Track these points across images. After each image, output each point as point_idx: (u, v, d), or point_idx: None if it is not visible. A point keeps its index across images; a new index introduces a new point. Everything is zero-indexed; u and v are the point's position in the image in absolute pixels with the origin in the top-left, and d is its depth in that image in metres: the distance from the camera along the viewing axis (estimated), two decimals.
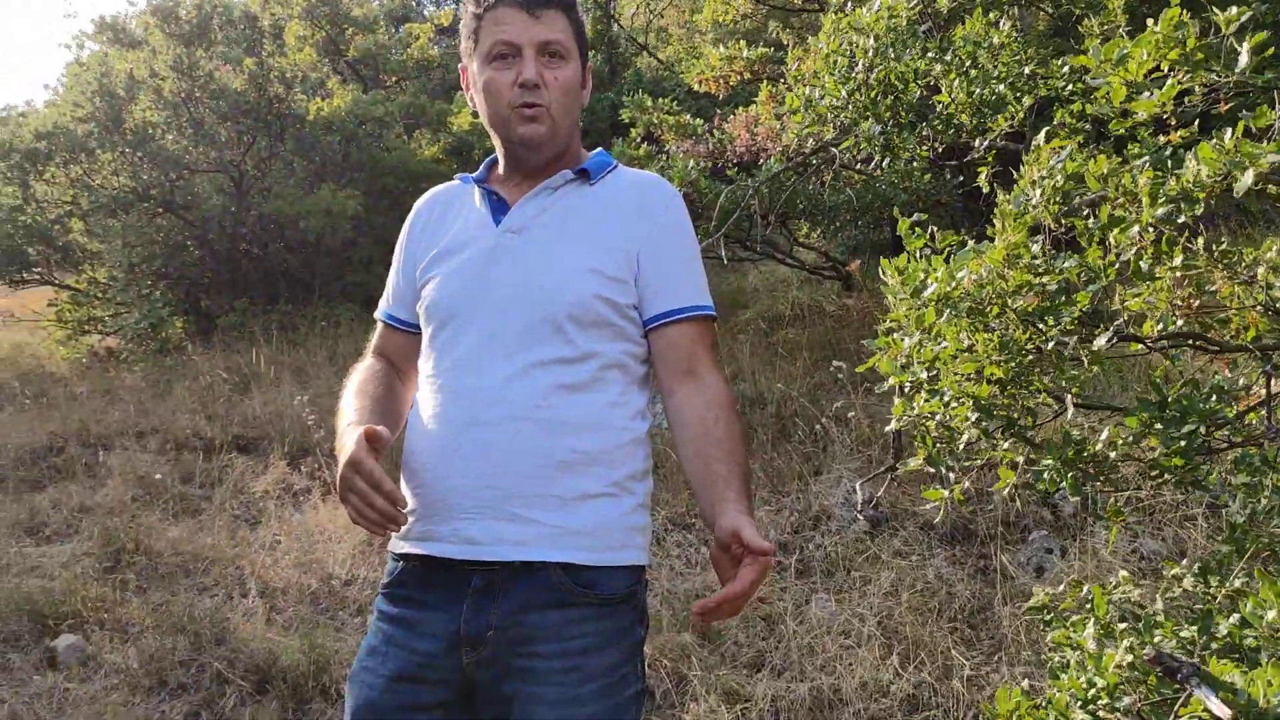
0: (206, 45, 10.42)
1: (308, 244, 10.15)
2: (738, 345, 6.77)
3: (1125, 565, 3.43)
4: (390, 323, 1.77)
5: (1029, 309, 1.93)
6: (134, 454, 6.05)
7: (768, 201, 6.11)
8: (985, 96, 4.04)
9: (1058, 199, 2.10)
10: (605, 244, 1.60)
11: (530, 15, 1.56)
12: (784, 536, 4.23)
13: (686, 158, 6.19)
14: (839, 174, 6.37)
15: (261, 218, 10.16)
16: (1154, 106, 1.88)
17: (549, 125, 1.60)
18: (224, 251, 10.26)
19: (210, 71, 9.69)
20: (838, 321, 7.05)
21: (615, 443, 1.56)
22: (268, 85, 9.90)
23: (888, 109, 4.39)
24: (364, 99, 11.17)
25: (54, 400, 7.76)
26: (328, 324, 9.45)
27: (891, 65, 4.18)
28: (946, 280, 1.93)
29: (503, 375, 1.52)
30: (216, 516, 5.07)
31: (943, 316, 1.93)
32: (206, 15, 10.50)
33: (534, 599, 1.47)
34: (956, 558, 3.87)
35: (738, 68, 9.63)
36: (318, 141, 10.42)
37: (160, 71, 9.78)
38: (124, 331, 9.16)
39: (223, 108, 9.77)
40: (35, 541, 4.94)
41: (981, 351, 1.95)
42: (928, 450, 2.18)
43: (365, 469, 1.39)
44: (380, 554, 4.48)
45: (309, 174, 10.51)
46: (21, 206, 10.00)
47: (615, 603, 1.53)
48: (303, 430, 6.01)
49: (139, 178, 9.69)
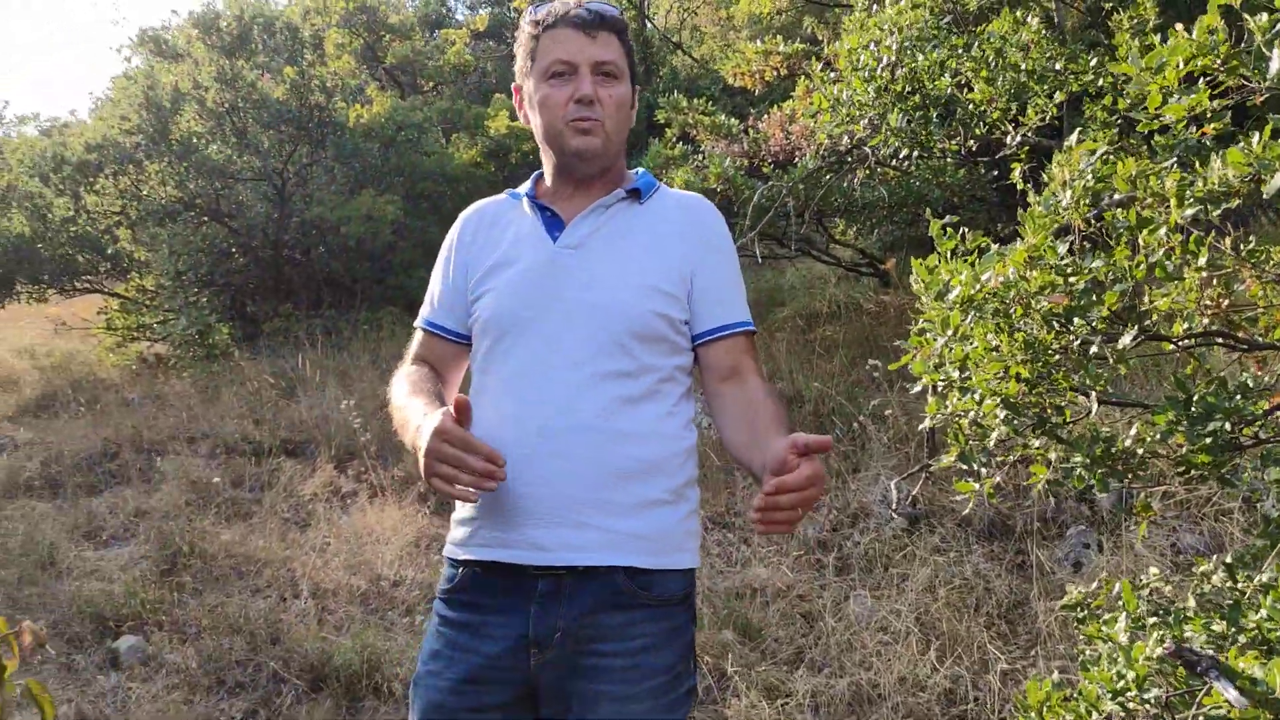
0: (248, 55, 10.62)
1: (349, 249, 10.32)
2: (775, 343, 6.80)
3: (1162, 560, 3.44)
4: (433, 330, 1.81)
5: (1055, 309, 1.97)
6: (186, 459, 6.22)
7: (803, 199, 6.14)
8: (1012, 90, 4.06)
9: (1087, 200, 2.14)
10: (661, 263, 1.67)
11: (587, 35, 1.64)
12: (823, 534, 4.27)
13: (723, 156, 6.24)
14: (873, 171, 6.39)
15: (303, 224, 10.35)
16: (1184, 111, 1.92)
17: (602, 139, 1.67)
18: (268, 258, 10.46)
19: (253, 81, 9.88)
20: (875, 318, 7.06)
21: (671, 451, 1.63)
22: (308, 94, 10.08)
23: (915, 105, 4.42)
24: (402, 105, 11.34)
25: (107, 407, 7.97)
26: (370, 327, 9.61)
27: (917, 61, 4.22)
28: (971, 283, 1.98)
29: (568, 386, 1.58)
30: (267, 519, 5.21)
31: (968, 318, 1.98)
32: (247, 26, 10.70)
33: (598, 601, 1.54)
34: (994, 553, 3.90)
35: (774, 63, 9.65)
36: (357, 148, 10.60)
37: (204, 83, 10.00)
38: (172, 338, 9.37)
39: (265, 117, 9.97)
40: (94, 545, 5.10)
41: (1006, 351, 2.00)
42: (961, 447, 2.22)
43: (454, 434, 1.42)
44: (427, 555, 4.59)
45: (349, 180, 10.69)
46: (74, 217, 10.26)
47: (671, 604, 1.60)
48: (348, 433, 6.14)
49: (185, 187, 9.91)
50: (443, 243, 1.86)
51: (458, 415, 1.48)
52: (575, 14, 1.65)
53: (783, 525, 1.37)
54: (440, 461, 1.42)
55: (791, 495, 1.33)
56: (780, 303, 8.26)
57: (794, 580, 3.94)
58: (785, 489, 1.33)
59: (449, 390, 1.80)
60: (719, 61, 9.39)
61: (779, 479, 1.34)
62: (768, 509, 1.34)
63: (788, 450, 1.37)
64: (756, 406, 1.62)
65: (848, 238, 8.28)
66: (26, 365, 10.08)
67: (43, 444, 6.89)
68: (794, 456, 1.36)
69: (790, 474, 1.34)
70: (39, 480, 6.13)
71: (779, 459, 1.37)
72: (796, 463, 1.36)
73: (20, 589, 4.37)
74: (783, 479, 1.34)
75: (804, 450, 1.36)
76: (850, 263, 8.18)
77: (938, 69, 4.22)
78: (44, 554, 4.75)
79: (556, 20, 1.66)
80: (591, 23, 1.64)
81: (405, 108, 11.37)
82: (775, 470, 1.38)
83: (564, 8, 1.66)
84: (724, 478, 4.99)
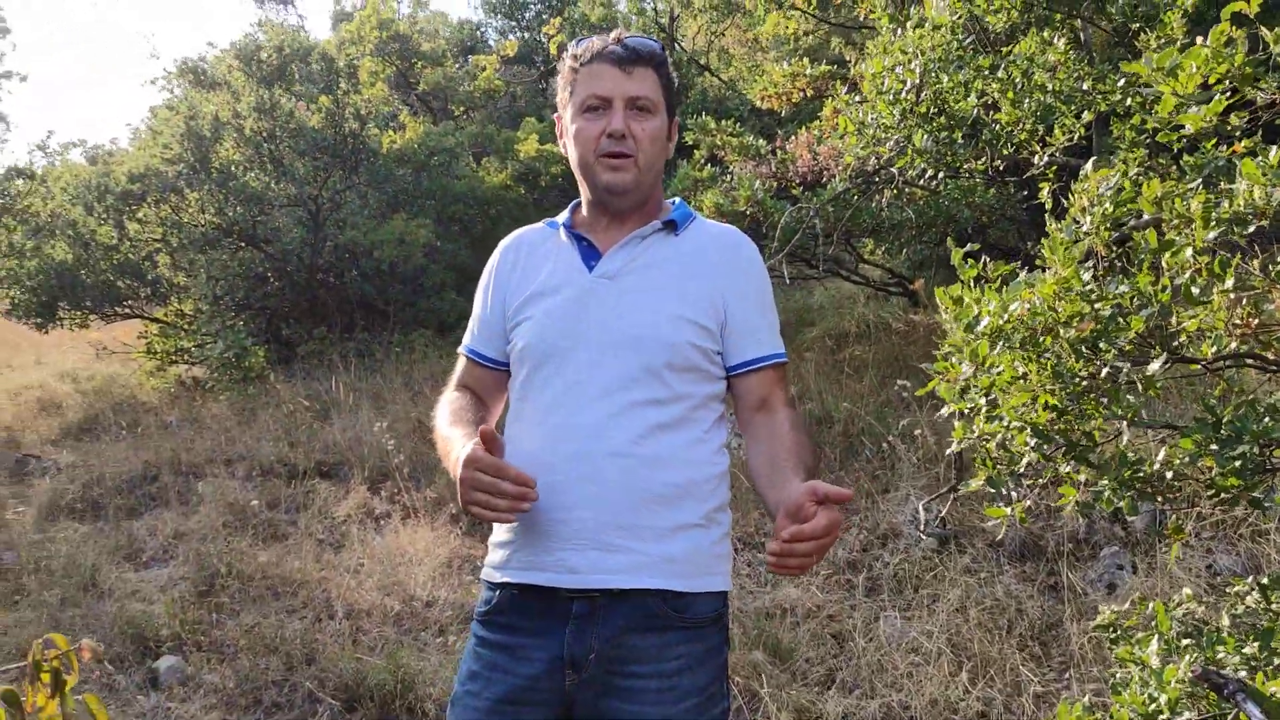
0: (285, 85, 10.82)
1: (381, 272, 10.46)
2: (804, 363, 6.81)
3: (1198, 581, 3.41)
4: (474, 358, 1.86)
5: (1081, 336, 1.98)
6: (223, 481, 6.31)
7: (831, 220, 6.16)
8: (1039, 111, 4.06)
9: (1108, 225, 2.16)
10: (695, 294, 1.71)
11: (623, 71, 1.69)
12: (852, 555, 4.27)
13: (752, 177, 6.28)
14: (901, 191, 6.40)
15: (337, 248, 10.50)
16: (1201, 121, 1.93)
17: (633, 174, 1.71)
18: (302, 282, 10.61)
19: (290, 110, 10.06)
20: (904, 338, 7.05)
21: (703, 476, 1.67)
22: (343, 122, 10.24)
23: (940, 126, 4.44)
24: (435, 130, 11.49)
25: (146, 429, 8.11)
26: (402, 350, 9.71)
27: (941, 83, 4.23)
28: (999, 313, 1.99)
29: (603, 413, 1.62)
30: (302, 541, 5.27)
31: (995, 349, 1.99)
32: (286, 57, 10.91)
33: (632, 623, 1.58)
34: (1026, 574, 3.88)
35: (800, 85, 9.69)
36: (390, 173, 10.75)
37: (242, 112, 10.19)
38: (209, 361, 9.53)
39: (301, 145, 10.14)
40: (134, 567, 5.19)
41: (1035, 380, 2.01)
42: (988, 471, 2.23)
43: (485, 461, 1.49)
44: (460, 576, 4.63)
45: (382, 204, 10.84)
46: (117, 245, 10.47)
47: (704, 625, 1.64)
48: (382, 455, 6.21)
49: (224, 214, 10.09)
50: (482, 269, 1.91)
51: (486, 444, 1.52)
52: (611, 50, 1.69)
53: (795, 569, 1.42)
54: (475, 489, 1.48)
55: (808, 543, 1.39)
56: (809, 323, 8.27)
57: (824, 601, 3.95)
58: (802, 537, 1.38)
59: (491, 416, 1.86)
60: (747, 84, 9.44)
61: (797, 528, 1.38)
62: (783, 554, 1.39)
63: (805, 496, 1.42)
64: (779, 440, 1.66)
65: (876, 257, 8.27)
66: (69, 389, 10.28)
67: (85, 466, 7.03)
68: (811, 504, 1.41)
69: (808, 523, 1.39)
70: (81, 503, 6.25)
71: (796, 504, 1.42)
72: (813, 510, 1.41)
73: (63, 610, 4.46)
74: (800, 528, 1.38)
75: (822, 499, 1.41)
76: (879, 282, 8.17)
77: (962, 90, 4.24)
78: (86, 575, 4.84)
79: (594, 56, 1.71)
80: (627, 58, 1.69)
81: (437, 133, 11.52)
82: (791, 514, 1.43)
83: (602, 44, 1.71)
84: (753, 499, 5.00)
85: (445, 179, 11.41)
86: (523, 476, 1.48)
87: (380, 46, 12.54)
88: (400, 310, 10.71)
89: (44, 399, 9.86)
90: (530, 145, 12.55)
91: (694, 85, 13.90)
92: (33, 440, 8.29)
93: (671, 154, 1.82)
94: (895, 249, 7.65)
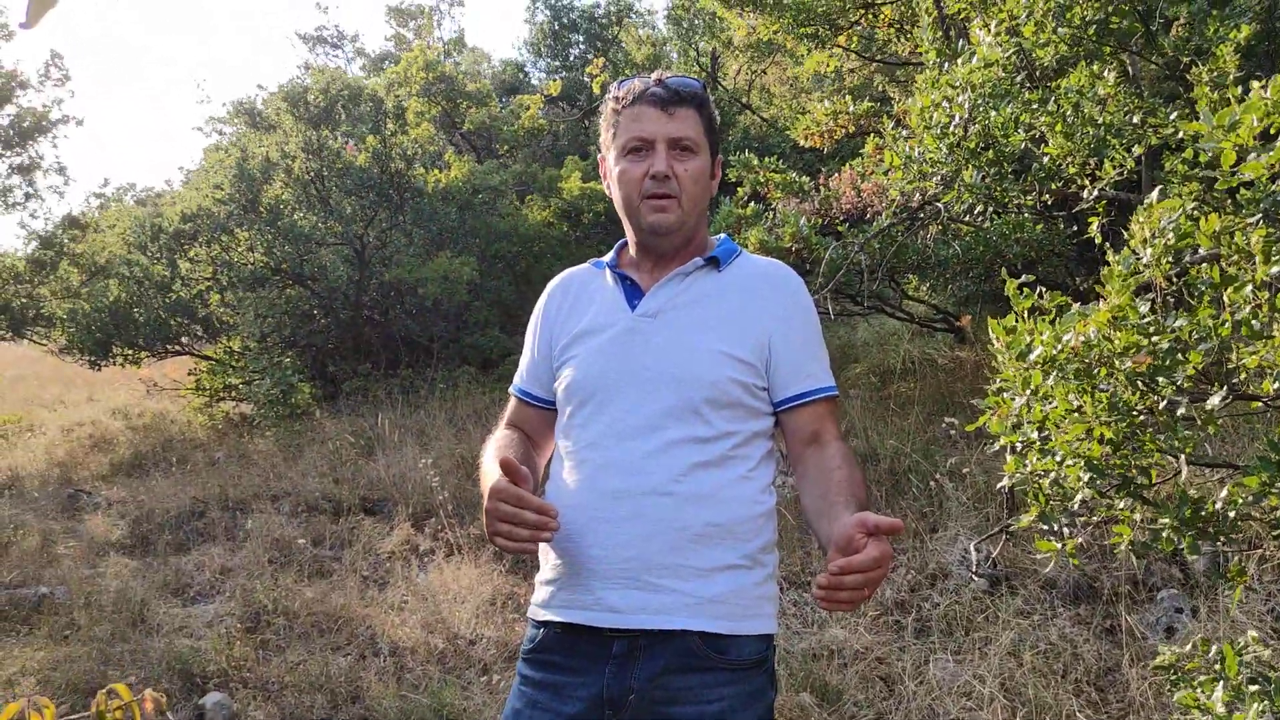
0: (332, 126, 11.03)
1: (426, 309, 10.56)
2: (849, 400, 6.75)
3: (1261, 626, 3.31)
4: (523, 398, 1.89)
5: (1139, 369, 1.94)
6: (269, 517, 6.36)
7: (877, 255, 6.13)
8: (1091, 145, 4.02)
9: (1168, 258, 2.12)
10: (738, 329, 1.70)
11: (665, 113, 1.69)
12: (901, 595, 4.20)
13: (797, 214, 6.27)
14: (947, 227, 6.36)
15: (382, 285, 10.62)
16: (1262, 169, 1.90)
17: (677, 214, 1.71)
18: (348, 319, 10.74)
19: (338, 151, 10.24)
20: (950, 375, 6.97)
21: (747, 515, 1.64)
22: (390, 162, 10.40)
23: (989, 161, 4.40)
24: (480, 169, 11.63)
25: (195, 466, 8.21)
26: (446, 386, 9.77)
27: (991, 117, 4.21)
28: (1052, 343, 1.96)
29: (644, 451, 1.62)
30: (347, 577, 5.29)
31: (1049, 379, 1.96)
32: (333, 99, 11.13)
33: (672, 663, 1.56)
34: (1081, 617, 3.78)
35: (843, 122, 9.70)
36: (435, 211, 10.87)
37: (291, 152, 10.39)
38: (256, 398, 9.64)
39: (348, 184, 10.30)
40: (182, 602, 5.23)
41: (1090, 413, 1.97)
42: (1041, 508, 2.19)
43: (508, 492, 1.50)
44: (504, 614, 4.61)
45: (426, 242, 10.96)
46: (170, 284, 10.68)
47: (748, 667, 1.61)
48: (426, 492, 6.23)
49: (273, 253, 10.25)
50: (525, 305, 1.93)
51: (510, 475, 1.52)
52: (653, 91, 1.70)
53: (845, 604, 1.38)
54: (498, 520, 1.50)
55: (857, 576, 1.34)
56: (854, 359, 8.21)
57: (872, 642, 3.87)
58: (851, 569, 1.34)
59: (541, 455, 1.87)
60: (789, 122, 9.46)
61: (845, 560, 1.35)
62: (832, 588, 1.35)
63: (855, 529, 1.38)
64: (830, 474, 1.62)
65: (921, 294, 8.21)
66: (120, 426, 10.44)
67: (134, 502, 7.12)
68: (861, 536, 1.37)
69: (857, 555, 1.35)
70: (130, 538, 6.32)
71: (845, 536, 1.39)
72: (864, 541, 1.37)
73: (112, 645, 4.49)
74: (849, 560, 1.35)
75: (873, 530, 1.37)
76: (923, 318, 8.10)
77: (1012, 125, 4.21)
78: (135, 611, 4.88)
79: (636, 98, 1.71)
80: (669, 100, 1.69)
81: (482, 171, 11.66)
82: (841, 547, 1.39)
83: (644, 85, 1.72)
84: (799, 537, 4.94)
85: (489, 217, 11.53)
86: (544, 506, 1.48)
87: (426, 88, 12.76)
88: (444, 347, 10.80)
89: (96, 435, 10.02)
90: (573, 183, 12.65)
91: (736, 124, 13.97)
92: (84, 476, 8.42)
93: (715, 192, 1.82)
94: (940, 285, 7.59)
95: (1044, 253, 6.25)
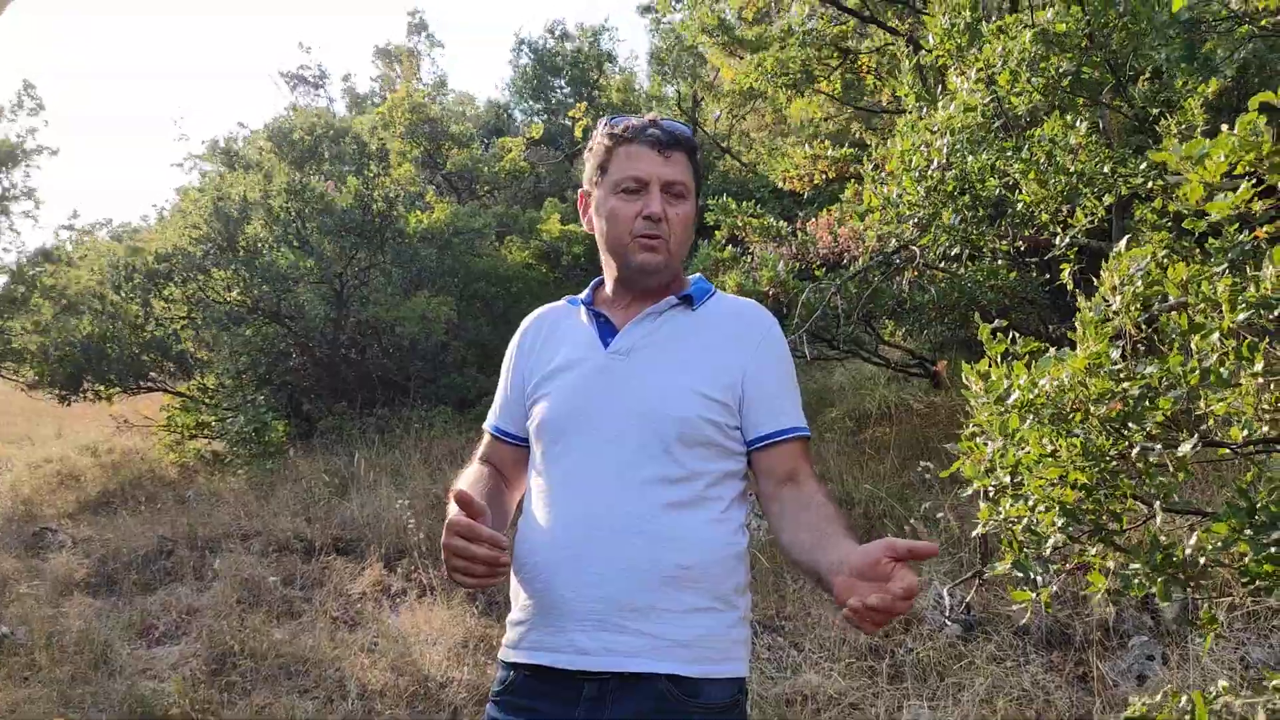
0: (315, 166, 11.04)
1: (403, 348, 10.52)
2: (825, 444, 6.76)
3: (1231, 674, 3.31)
4: (496, 434, 1.87)
5: (1111, 414, 1.96)
6: (239, 556, 6.27)
7: (853, 299, 6.17)
8: (1063, 191, 4.08)
9: (1138, 305, 2.14)
10: (710, 368, 1.69)
11: (661, 155, 1.71)
12: (875, 640, 4.18)
13: (775, 258, 6.31)
14: (923, 272, 6.42)
15: (360, 324, 10.59)
16: (1228, 208, 1.93)
17: (665, 256, 1.72)
18: (324, 357, 10.68)
19: (321, 192, 10.25)
20: (925, 420, 7.00)
21: (720, 557, 1.63)
22: (372, 203, 10.41)
23: (966, 205, 4.46)
24: (462, 211, 11.67)
25: (164, 504, 8.10)
26: (422, 426, 9.71)
27: (966, 163, 4.26)
28: (1029, 387, 1.97)
29: (613, 491, 1.60)
30: (317, 618, 5.21)
31: (1026, 423, 1.97)
32: (318, 139, 11.15)
33: (643, 707, 1.54)
34: (1054, 664, 3.78)
35: (822, 167, 9.80)
36: (415, 251, 10.88)
37: (272, 192, 10.38)
38: (229, 436, 9.55)
39: (329, 224, 10.30)
40: (146, 644, 5.13)
41: (1065, 457, 1.98)
42: (1015, 554, 2.19)
43: (461, 525, 1.45)
44: (475, 656, 4.55)
45: (405, 282, 10.95)
46: (143, 323, 10.60)
47: (719, 711, 1.58)
48: (399, 532, 6.16)
49: (250, 292, 10.21)
50: (503, 346, 1.92)
51: (464, 508, 1.48)
52: (651, 133, 1.71)
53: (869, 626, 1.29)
54: (454, 555, 1.45)
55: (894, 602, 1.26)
56: (830, 403, 8.23)
57: (846, 687, 3.85)
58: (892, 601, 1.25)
59: (512, 491, 1.84)
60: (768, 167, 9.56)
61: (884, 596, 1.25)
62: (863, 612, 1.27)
63: (883, 551, 1.32)
64: (818, 507, 1.59)
65: (896, 339, 8.27)
66: (89, 462, 10.31)
67: (100, 540, 7.00)
68: (888, 559, 1.31)
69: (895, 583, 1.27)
70: (96, 577, 6.21)
71: (870, 559, 1.33)
72: (890, 565, 1.30)
73: (73, 687, 4.40)
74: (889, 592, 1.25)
75: (904, 555, 1.30)
76: (899, 363, 8.15)
77: (988, 170, 4.27)
78: (97, 652, 4.78)
79: (633, 136, 1.72)
80: (666, 143, 1.71)
81: (465, 213, 11.70)
82: (861, 570, 1.33)
83: (641, 124, 1.72)
84: (774, 580, 4.92)
85: (468, 257, 11.55)
86: (495, 537, 1.44)
87: (411, 129, 12.84)
88: (421, 386, 10.75)
89: (63, 472, 9.88)
90: (553, 225, 12.72)
91: (715, 167, 14.11)
92: (50, 513, 8.29)
93: (693, 236, 1.84)
94: (916, 330, 7.64)
95: (1017, 299, 6.31)
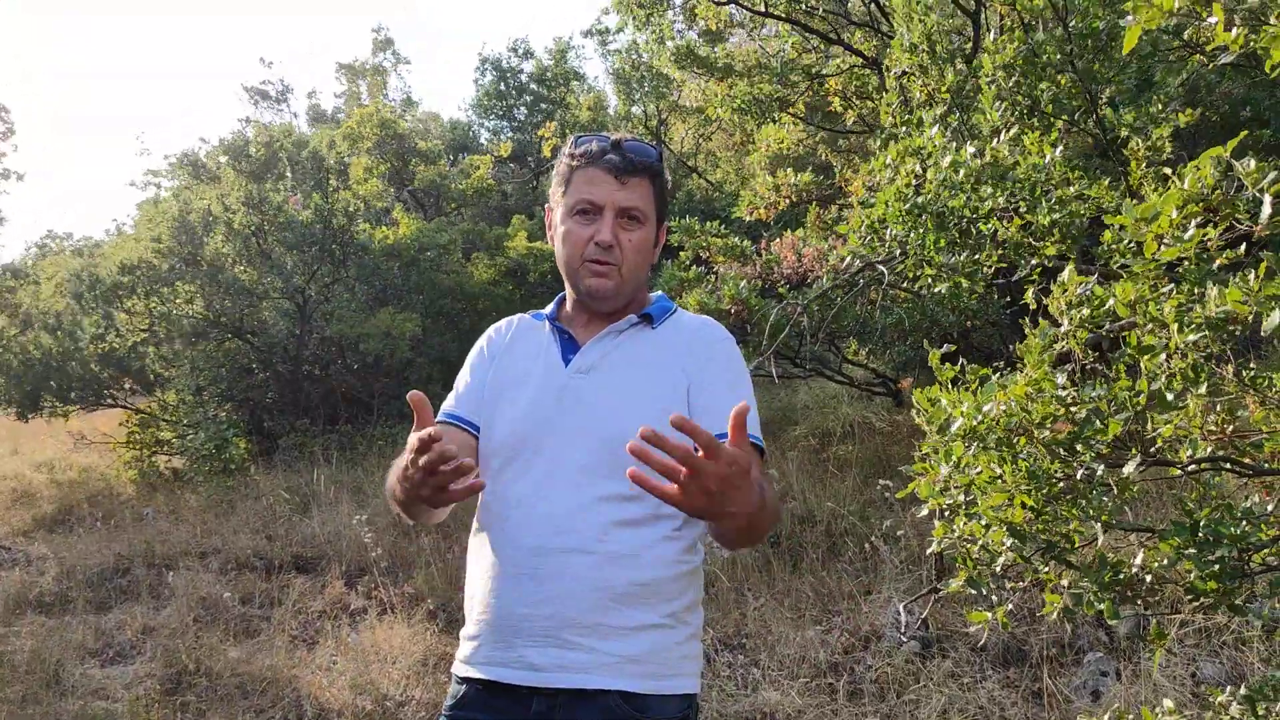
0: (275, 179, 10.98)
1: (367, 365, 10.46)
2: (787, 462, 6.79)
3: (1182, 690, 3.36)
4: (453, 421, 1.79)
5: (1058, 437, 1.99)
6: (197, 574, 6.19)
7: (817, 319, 6.22)
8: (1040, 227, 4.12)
9: (1086, 328, 2.18)
10: (665, 384, 1.70)
11: (618, 181, 1.70)
12: (835, 658, 4.19)
13: (737, 277, 6.35)
14: (886, 293, 6.47)
15: (323, 340, 10.52)
16: (1176, 254, 1.97)
17: (615, 282, 1.72)
18: (287, 374, 10.60)
19: (279, 205, 10.19)
20: (888, 438, 7.06)
21: (671, 575, 1.64)
22: (332, 217, 10.36)
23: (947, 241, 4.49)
24: (428, 228, 11.64)
25: (121, 522, 7.98)
26: (385, 443, 9.65)
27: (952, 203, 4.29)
28: (972, 415, 2.00)
29: (567, 508, 1.61)
30: (275, 636, 5.15)
31: (970, 450, 2.00)
32: (274, 152, 11.10)
33: None
34: (1009, 680, 3.81)
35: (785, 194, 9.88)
36: (379, 267, 10.83)
37: (232, 206, 10.31)
38: (189, 452, 9.44)
39: (290, 239, 10.24)
40: (100, 663, 5.05)
41: (1011, 481, 2.01)
42: (969, 572, 2.21)
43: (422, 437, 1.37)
44: (435, 675, 4.52)
45: (370, 298, 10.90)
46: (103, 335, 10.47)
47: None
48: (360, 549, 6.11)
49: (212, 307, 10.12)
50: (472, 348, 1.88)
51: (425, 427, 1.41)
52: (610, 158, 1.70)
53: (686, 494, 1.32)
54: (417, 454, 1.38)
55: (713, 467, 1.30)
56: (793, 422, 8.27)
57: (805, 705, 3.86)
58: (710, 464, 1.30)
59: None
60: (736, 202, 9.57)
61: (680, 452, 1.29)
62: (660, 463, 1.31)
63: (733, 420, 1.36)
64: None
65: (860, 358, 8.33)
66: (45, 479, 10.15)
67: (55, 558, 6.89)
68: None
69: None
70: (50, 596, 6.10)
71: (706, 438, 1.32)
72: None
73: (24, 708, 4.32)
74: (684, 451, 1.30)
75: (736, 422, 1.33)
76: (863, 382, 8.21)
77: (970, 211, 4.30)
78: (49, 672, 4.70)
79: (591, 159, 1.71)
80: (623, 168, 1.70)
81: (431, 229, 11.67)
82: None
83: (601, 148, 1.71)
84: (735, 598, 4.93)
85: (434, 274, 11.52)
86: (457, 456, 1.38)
87: (379, 144, 12.81)
88: (385, 403, 10.68)
89: (19, 489, 9.71)
90: (520, 242, 12.71)
91: (682, 186, 14.18)
92: (4, 531, 8.14)
93: (657, 258, 1.84)
94: (879, 350, 7.70)
95: (979, 321, 6.39)
